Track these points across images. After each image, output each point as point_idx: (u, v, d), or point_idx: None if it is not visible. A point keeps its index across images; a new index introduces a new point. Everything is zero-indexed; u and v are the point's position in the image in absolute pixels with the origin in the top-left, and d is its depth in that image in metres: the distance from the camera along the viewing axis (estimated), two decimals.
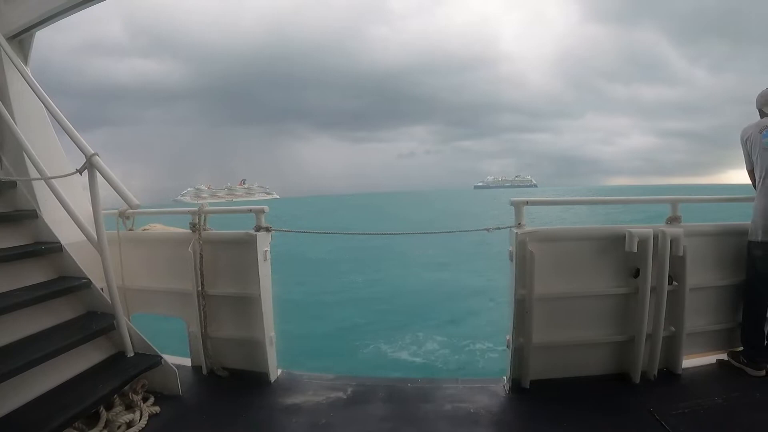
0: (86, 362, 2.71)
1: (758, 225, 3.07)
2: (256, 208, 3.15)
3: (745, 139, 3.19)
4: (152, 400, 2.82)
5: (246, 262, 3.13)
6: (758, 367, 3.10)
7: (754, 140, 3.12)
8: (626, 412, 2.77)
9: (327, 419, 2.75)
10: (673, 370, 3.19)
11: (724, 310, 3.33)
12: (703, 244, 3.20)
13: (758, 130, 3.12)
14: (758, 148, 3.08)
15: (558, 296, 3.06)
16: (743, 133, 3.22)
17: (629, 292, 3.11)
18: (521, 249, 2.94)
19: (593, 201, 4.09)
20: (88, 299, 2.91)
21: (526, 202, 3.04)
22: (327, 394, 3.02)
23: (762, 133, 3.09)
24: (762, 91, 3.23)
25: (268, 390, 3.13)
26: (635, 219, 3.38)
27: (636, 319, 3.08)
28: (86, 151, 2.65)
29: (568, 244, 3.13)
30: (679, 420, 2.59)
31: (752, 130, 3.15)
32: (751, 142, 3.15)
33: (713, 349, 3.37)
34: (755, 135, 3.12)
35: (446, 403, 2.91)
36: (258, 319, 3.16)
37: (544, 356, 3.06)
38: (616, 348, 3.18)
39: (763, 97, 3.20)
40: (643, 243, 2.98)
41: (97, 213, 2.70)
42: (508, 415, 2.85)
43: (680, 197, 3.25)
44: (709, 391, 2.94)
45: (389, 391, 3.06)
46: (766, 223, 3.02)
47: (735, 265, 3.27)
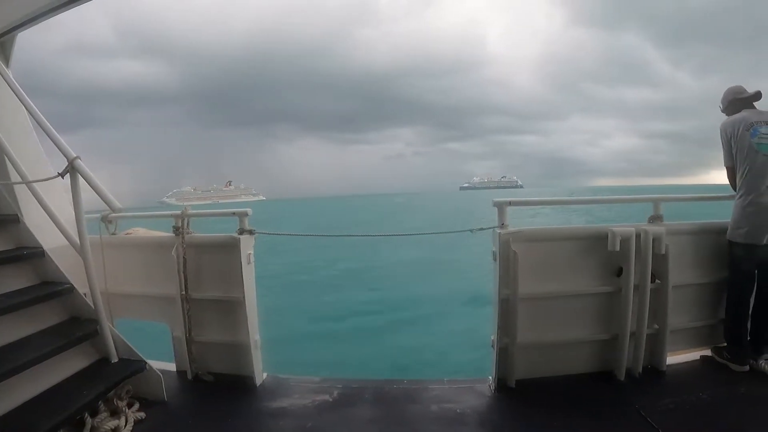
0: (70, 369, 2.70)
1: (740, 226, 3.12)
2: (239, 211, 3.19)
3: (729, 135, 3.17)
4: (137, 406, 2.82)
5: (230, 266, 3.15)
6: (742, 363, 3.19)
7: (741, 138, 3.09)
8: (612, 409, 2.84)
9: (314, 422, 2.78)
10: (658, 367, 3.28)
11: (706, 307, 3.43)
12: (685, 242, 3.29)
13: (745, 128, 3.08)
14: (746, 147, 3.06)
15: (542, 296, 3.13)
16: (726, 127, 3.19)
17: (613, 291, 3.19)
18: (505, 249, 3.01)
19: (576, 201, 4.16)
20: (71, 305, 2.91)
21: (509, 203, 3.10)
22: (313, 397, 3.05)
23: (750, 131, 3.07)
24: (728, 88, 3.30)
25: (254, 394, 3.15)
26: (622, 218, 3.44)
27: (620, 317, 3.17)
28: (68, 155, 2.64)
29: (551, 244, 3.20)
30: (664, 416, 2.67)
31: (737, 127, 3.11)
32: (736, 139, 3.11)
33: (697, 345, 3.47)
34: (742, 133, 3.09)
35: (433, 404, 2.96)
36: (243, 322, 3.19)
37: (529, 355, 3.12)
38: (600, 346, 3.25)
39: (728, 96, 3.27)
40: (626, 242, 3.06)
41: (80, 217, 2.71)
42: (495, 414, 2.90)
43: (662, 196, 3.34)
44: (693, 387, 3.02)
45: (376, 393, 3.11)
46: (749, 225, 3.07)
47: (716, 262, 3.36)
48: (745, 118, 3.12)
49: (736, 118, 3.17)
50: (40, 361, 2.46)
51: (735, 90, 3.28)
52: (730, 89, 3.31)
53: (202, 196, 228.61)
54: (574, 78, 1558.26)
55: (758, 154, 3.04)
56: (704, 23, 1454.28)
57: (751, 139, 3.06)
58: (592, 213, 28.38)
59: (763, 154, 3.04)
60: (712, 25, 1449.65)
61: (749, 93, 3.22)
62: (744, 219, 3.10)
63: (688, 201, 3.72)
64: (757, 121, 3.08)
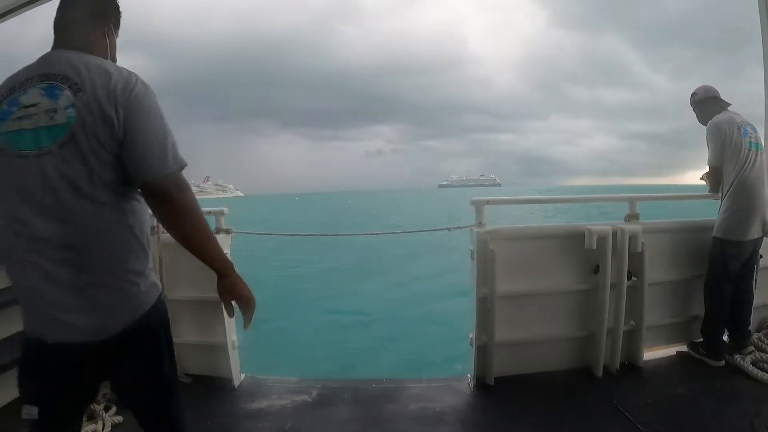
0: None
1: (729, 222, 3.18)
2: (215, 210, 3.18)
3: (724, 134, 3.17)
4: (114, 410, 2.79)
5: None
6: (718, 358, 3.28)
7: (735, 138, 3.14)
8: (590, 405, 2.90)
9: (293, 423, 2.79)
10: (635, 363, 3.35)
11: (682, 304, 3.52)
12: (660, 240, 3.36)
13: (736, 128, 3.16)
14: (740, 146, 3.13)
15: (520, 294, 3.18)
16: (720, 125, 3.20)
17: (590, 289, 3.26)
18: (482, 248, 3.05)
19: (553, 200, 4.24)
20: None
21: (487, 202, 3.15)
22: (292, 398, 3.06)
23: (741, 130, 3.15)
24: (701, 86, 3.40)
25: (232, 395, 3.16)
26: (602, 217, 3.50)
27: (597, 314, 3.23)
28: None
29: (528, 242, 3.25)
30: (642, 411, 2.73)
31: (730, 127, 3.16)
32: (730, 138, 3.15)
33: (673, 341, 3.57)
34: (735, 132, 3.14)
35: (411, 403, 3.00)
36: (220, 323, 3.19)
37: (508, 353, 3.17)
38: (578, 343, 3.33)
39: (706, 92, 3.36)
40: (603, 240, 3.12)
41: None
42: (474, 412, 2.96)
43: (638, 195, 3.41)
44: (670, 382, 3.11)
45: (354, 393, 3.13)
46: (738, 222, 3.15)
47: (692, 259, 3.45)
48: (733, 118, 3.22)
49: (726, 117, 3.24)
50: (13, 366, 2.41)
51: (711, 88, 3.39)
52: (706, 86, 3.41)
53: None
54: (554, 78, 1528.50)
55: (750, 152, 3.14)
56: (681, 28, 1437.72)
57: (744, 138, 3.15)
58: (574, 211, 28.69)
59: (754, 152, 3.15)
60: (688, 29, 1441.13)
61: (718, 95, 3.34)
62: (734, 216, 3.17)
63: (663, 200, 3.81)
64: (742, 122, 3.20)
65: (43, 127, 1.28)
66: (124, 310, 1.41)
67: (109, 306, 1.38)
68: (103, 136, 1.29)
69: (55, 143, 1.27)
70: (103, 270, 1.36)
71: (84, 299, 1.33)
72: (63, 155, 1.27)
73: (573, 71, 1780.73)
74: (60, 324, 1.33)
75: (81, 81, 1.31)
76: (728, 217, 3.21)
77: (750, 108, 3.36)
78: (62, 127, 1.28)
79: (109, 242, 1.36)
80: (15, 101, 1.32)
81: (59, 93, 1.30)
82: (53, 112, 1.29)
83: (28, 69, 1.38)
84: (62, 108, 1.28)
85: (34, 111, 1.30)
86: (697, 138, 3.39)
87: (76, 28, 1.47)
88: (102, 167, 1.30)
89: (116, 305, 1.39)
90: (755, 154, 3.16)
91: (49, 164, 1.27)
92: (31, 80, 1.34)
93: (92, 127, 1.28)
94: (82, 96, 1.29)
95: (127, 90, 1.33)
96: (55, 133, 1.28)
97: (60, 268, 1.31)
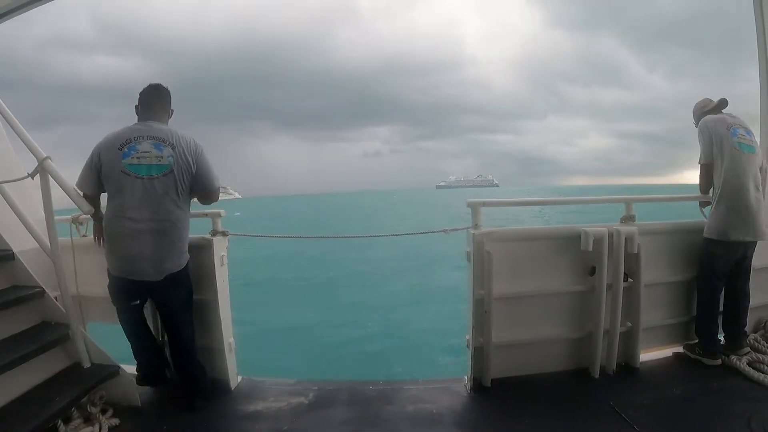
0: (41, 375, 2.70)
1: (719, 223, 3.22)
2: (212, 212, 3.20)
3: (712, 132, 3.25)
4: (111, 412, 2.82)
5: (203, 268, 3.17)
6: (714, 357, 3.33)
7: (723, 136, 3.20)
8: (587, 406, 2.93)
9: (289, 425, 2.81)
10: (632, 364, 3.39)
11: (678, 305, 3.56)
12: (656, 241, 3.40)
13: (725, 128, 3.22)
14: (728, 146, 3.18)
15: (516, 295, 3.21)
16: (708, 124, 3.28)
17: (586, 290, 3.29)
18: (479, 250, 3.08)
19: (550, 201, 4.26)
20: (42, 309, 2.91)
21: (483, 203, 3.18)
22: (288, 400, 3.09)
23: (730, 130, 3.21)
24: (696, 103, 3.50)
25: (229, 397, 3.18)
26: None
27: (593, 315, 3.27)
28: (38, 155, 2.61)
29: (525, 244, 3.28)
30: (638, 412, 2.76)
31: (719, 125, 3.24)
32: (718, 137, 3.21)
33: (669, 342, 3.60)
34: (724, 132, 3.21)
35: (408, 404, 3.02)
36: (216, 325, 3.22)
37: (504, 355, 3.20)
38: (574, 344, 3.36)
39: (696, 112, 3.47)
40: (599, 242, 3.16)
41: (50, 219, 2.69)
42: (470, 414, 2.98)
43: (634, 197, 3.45)
44: (667, 383, 3.14)
45: (351, 394, 3.16)
46: (728, 222, 3.18)
47: (688, 261, 3.49)
48: (724, 119, 3.29)
49: (717, 117, 3.32)
50: (10, 368, 2.44)
51: (701, 104, 3.48)
52: (697, 105, 3.52)
53: None
54: (551, 79, 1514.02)
55: (739, 152, 3.18)
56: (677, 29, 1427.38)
57: (732, 138, 3.20)
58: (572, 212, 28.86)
59: (743, 152, 3.19)
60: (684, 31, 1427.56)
61: (714, 102, 3.43)
62: (724, 216, 3.20)
63: (659, 201, 3.84)
64: (733, 123, 3.25)
65: (154, 165, 2.62)
66: (174, 266, 2.75)
67: (167, 263, 2.71)
68: (186, 171, 2.70)
69: (161, 174, 2.63)
70: (172, 243, 2.71)
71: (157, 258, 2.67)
72: (165, 180, 2.64)
73: (569, 72, 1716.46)
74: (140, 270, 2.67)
75: (175, 142, 2.69)
76: (714, 217, 3.26)
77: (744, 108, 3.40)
78: (166, 166, 2.64)
79: (179, 228, 2.73)
80: (134, 147, 2.63)
81: (163, 147, 2.65)
82: (160, 157, 2.63)
83: (135, 130, 2.69)
84: (166, 156, 2.64)
85: (147, 155, 2.62)
86: (693, 138, 3.44)
87: (159, 111, 2.83)
88: (183, 187, 2.71)
89: (171, 263, 2.72)
90: (746, 156, 3.19)
91: (158, 183, 2.62)
92: (142, 137, 2.65)
93: (180, 167, 2.67)
94: (176, 150, 2.67)
95: (198, 149, 2.76)
96: (162, 169, 2.63)
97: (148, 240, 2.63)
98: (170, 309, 2.92)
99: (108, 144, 2.66)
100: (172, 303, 2.89)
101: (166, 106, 2.87)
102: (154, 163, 2.61)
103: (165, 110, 2.86)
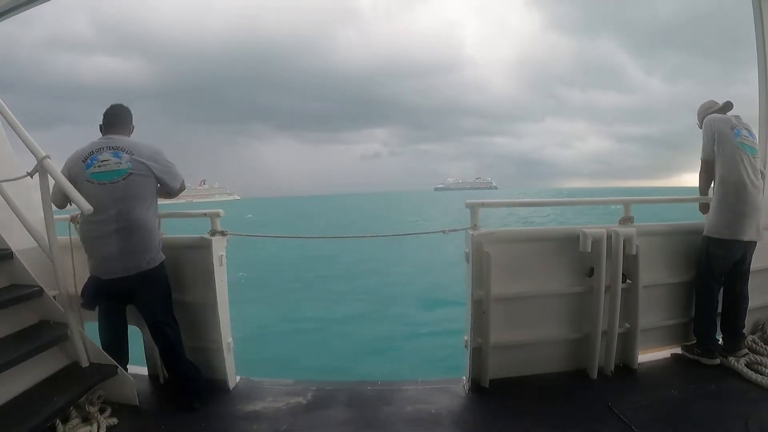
0: (39, 374, 2.71)
1: (720, 222, 3.24)
2: (211, 212, 3.22)
3: (715, 129, 3.29)
4: (109, 412, 2.82)
5: (201, 267, 3.19)
6: (712, 356, 3.35)
7: (726, 135, 3.24)
8: (585, 407, 2.93)
9: (288, 425, 2.82)
10: (630, 365, 3.40)
11: (676, 306, 3.57)
12: (655, 243, 3.41)
13: (729, 127, 3.26)
14: (730, 145, 3.22)
15: (514, 296, 3.22)
16: (713, 121, 3.32)
17: (584, 291, 3.30)
18: (477, 250, 3.09)
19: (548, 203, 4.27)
20: (40, 308, 2.91)
21: (482, 204, 3.19)
22: (287, 400, 3.09)
23: (734, 131, 3.25)
24: (701, 104, 3.52)
25: (227, 397, 3.18)
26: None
27: (591, 316, 3.28)
28: (37, 154, 2.63)
29: (523, 245, 3.29)
30: (636, 413, 2.77)
31: (723, 125, 3.28)
32: (722, 135, 3.25)
33: (667, 343, 3.61)
34: (727, 131, 3.25)
35: (407, 405, 3.02)
36: (215, 325, 3.23)
37: (503, 355, 3.21)
38: (573, 345, 3.37)
39: (702, 112, 3.49)
40: (597, 243, 3.17)
41: (48, 218, 2.70)
42: (469, 414, 2.98)
43: (632, 198, 3.46)
44: (665, 384, 3.15)
45: (349, 395, 3.16)
46: (729, 221, 3.21)
47: (686, 262, 3.50)
48: (729, 119, 3.32)
49: (722, 116, 3.35)
50: (8, 367, 2.45)
51: (707, 106, 3.51)
52: (702, 106, 3.54)
53: None
54: (549, 81, 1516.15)
55: (741, 152, 3.21)
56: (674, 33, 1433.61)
57: (735, 138, 3.23)
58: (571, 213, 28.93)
59: (745, 153, 3.22)
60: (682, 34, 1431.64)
61: (720, 105, 3.46)
62: (725, 215, 3.23)
63: (657, 203, 3.86)
64: (737, 124, 3.29)
65: (114, 170, 2.80)
66: (144, 263, 2.86)
67: (136, 260, 2.83)
68: (146, 173, 2.88)
69: (121, 177, 2.80)
70: (138, 240, 2.84)
71: (125, 256, 2.80)
72: (126, 183, 2.80)
73: (567, 74, 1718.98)
74: (112, 267, 2.81)
75: (132, 149, 2.87)
76: (714, 215, 3.29)
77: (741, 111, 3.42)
78: (125, 170, 2.81)
79: (144, 226, 2.87)
80: (95, 158, 2.82)
81: (121, 154, 2.83)
82: (119, 163, 2.81)
83: (96, 144, 2.89)
84: (125, 162, 2.82)
85: (108, 163, 2.80)
86: (691, 140, 3.46)
87: (120, 126, 3.00)
88: (145, 188, 2.89)
89: (140, 259, 2.85)
90: (748, 156, 3.22)
91: (120, 186, 2.79)
92: (102, 148, 2.84)
93: (139, 170, 2.85)
94: (134, 156, 2.85)
95: (156, 151, 2.96)
96: (122, 173, 2.80)
97: (115, 239, 2.77)
98: (150, 310, 3.01)
99: (74, 160, 2.87)
100: (151, 304, 3.00)
101: (126, 122, 3.06)
102: (114, 168, 2.81)
103: (126, 126, 3.06)
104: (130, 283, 2.86)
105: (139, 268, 2.85)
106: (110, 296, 2.94)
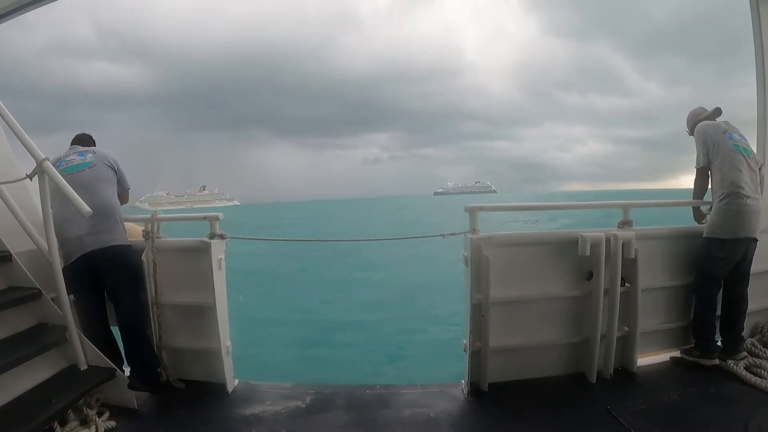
0: (38, 377, 2.71)
1: (720, 223, 3.27)
2: (210, 216, 3.24)
3: (706, 137, 3.35)
4: (107, 415, 2.83)
5: (201, 270, 3.20)
6: (711, 357, 3.37)
7: (718, 141, 3.29)
8: (584, 411, 2.94)
9: (286, 429, 2.82)
10: (629, 369, 3.41)
11: (675, 310, 3.58)
12: (653, 246, 3.43)
13: (720, 132, 3.32)
14: (725, 148, 3.26)
15: (514, 300, 3.23)
16: (704, 129, 3.38)
17: (583, 295, 3.31)
18: (476, 254, 3.10)
19: (547, 207, 4.27)
20: (39, 310, 2.92)
21: (481, 208, 3.20)
22: (285, 404, 3.10)
23: (726, 135, 3.30)
24: (690, 111, 3.58)
25: (226, 401, 3.19)
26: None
27: (590, 320, 3.29)
28: (37, 156, 2.65)
29: (522, 248, 3.30)
30: (635, 416, 2.78)
31: (715, 131, 3.34)
32: (714, 141, 3.30)
33: (666, 347, 3.62)
34: (719, 136, 3.30)
35: (405, 409, 3.03)
36: (214, 328, 3.23)
37: (502, 359, 3.22)
38: (572, 349, 3.38)
39: (691, 120, 3.56)
40: (596, 246, 3.18)
41: (48, 220, 2.72)
42: (468, 418, 2.99)
43: (631, 202, 3.47)
44: (664, 388, 3.16)
45: (348, 399, 3.17)
46: (729, 222, 3.23)
47: (685, 266, 3.52)
48: (719, 125, 3.39)
49: (711, 123, 3.41)
50: (6, 369, 2.46)
51: (696, 113, 3.59)
52: (691, 113, 3.62)
53: (175, 201, 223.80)
54: (548, 86, 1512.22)
55: (737, 154, 3.25)
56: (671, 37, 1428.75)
57: (728, 141, 3.28)
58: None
59: (740, 154, 3.26)
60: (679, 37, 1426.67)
61: (709, 111, 3.52)
62: (725, 215, 3.25)
63: (655, 206, 3.87)
64: (728, 128, 3.35)
65: (80, 163, 3.27)
66: (112, 238, 3.12)
67: (104, 234, 3.10)
68: (107, 167, 3.36)
69: (87, 167, 3.26)
70: (105, 216, 3.11)
71: (95, 230, 3.06)
72: (91, 171, 3.25)
73: (566, 79, 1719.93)
74: (83, 243, 3.03)
75: (94, 150, 3.43)
76: (714, 215, 3.31)
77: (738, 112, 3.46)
78: (90, 162, 3.29)
79: (111, 206, 3.23)
80: (63, 160, 3.27)
81: (85, 154, 3.36)
82: (84, 159, 3.30)
83: (65, 152, 3.38)
84: (89, 157, 3.33)
85: (74, 161, 3.28)
86: (689, 142, 3.50)
87: (87, 142, 3.60)
88: (108, 177, 3.34)
89: (109, 234, 3.12)
90: (744, 157, 3.27)
91: (85, 174, 3.22)
92: (69, 153, 3.36)
93: (102, 163, 3.34)
94: (97, 155, 3.37)
95: (114, 158, 3.43)
96: (87, 164, 3.27)
97: (85, 219, 2.74)
98: (116, 289, 3.17)
99: None
100: (118, 281, 3.15)
101: (89, 144, 3.62)
102: (80, 162, 3.28)
103: (91, 141, 3.68)
104: (101, 260, 3.07)
105: (108, 243, 3.09)
106: (84, 282, 3.06)
